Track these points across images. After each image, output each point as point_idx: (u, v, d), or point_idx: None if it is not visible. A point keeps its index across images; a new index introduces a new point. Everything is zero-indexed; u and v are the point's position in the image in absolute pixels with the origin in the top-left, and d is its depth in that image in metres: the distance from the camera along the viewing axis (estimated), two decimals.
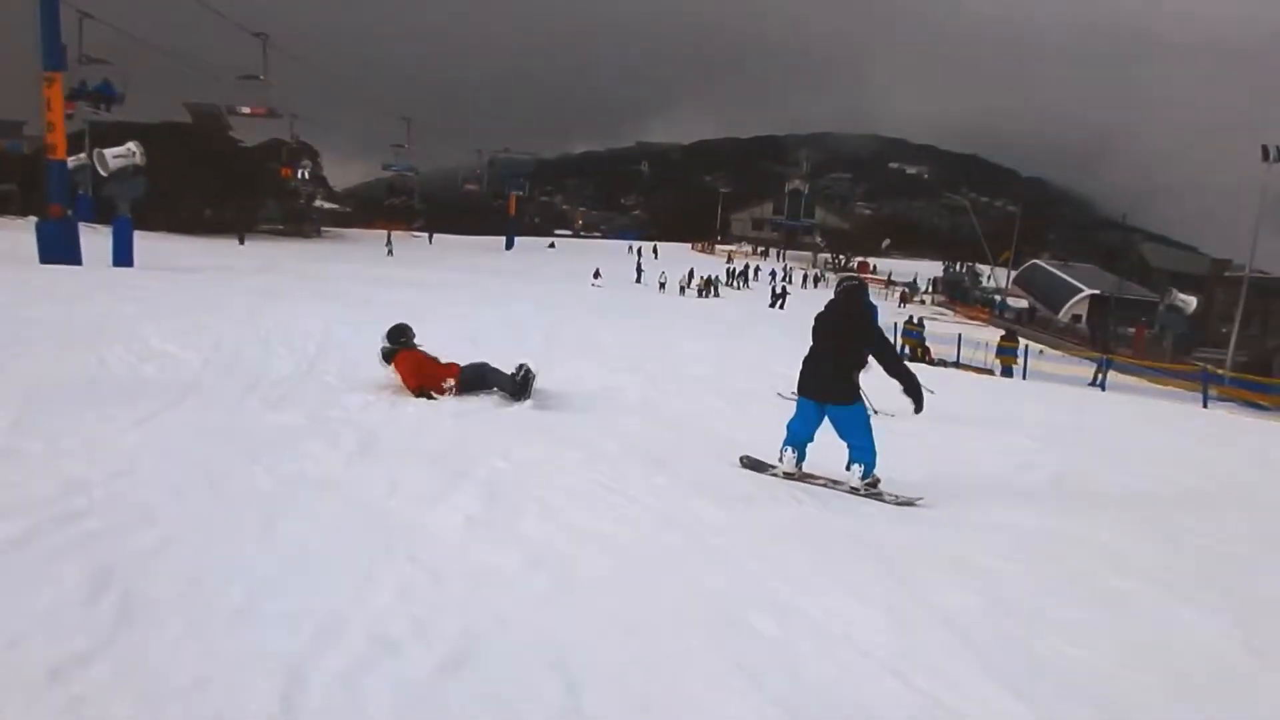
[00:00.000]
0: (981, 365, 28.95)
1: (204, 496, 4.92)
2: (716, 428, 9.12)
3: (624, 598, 4.09)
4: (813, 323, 7.21)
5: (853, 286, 7.18)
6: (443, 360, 9.44)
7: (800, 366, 7.19)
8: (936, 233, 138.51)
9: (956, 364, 28.49)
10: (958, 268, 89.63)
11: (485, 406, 8.63)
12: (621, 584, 4.27)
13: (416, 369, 9.16)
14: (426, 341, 9.54)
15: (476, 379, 9.38)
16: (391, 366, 9.11)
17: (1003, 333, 32.12)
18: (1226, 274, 60.46)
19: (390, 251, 62.08)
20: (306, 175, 72.07)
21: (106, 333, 10.53)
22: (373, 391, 8.71)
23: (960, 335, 31.15)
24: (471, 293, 25.46)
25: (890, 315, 35.42)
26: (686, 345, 18.10)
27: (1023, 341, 29.84)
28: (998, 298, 72.54)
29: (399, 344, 9.33)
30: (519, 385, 9.50)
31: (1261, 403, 27.23)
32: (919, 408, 6.93)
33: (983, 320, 60.05)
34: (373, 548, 4.39)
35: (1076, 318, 66.36)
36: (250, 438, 6.41)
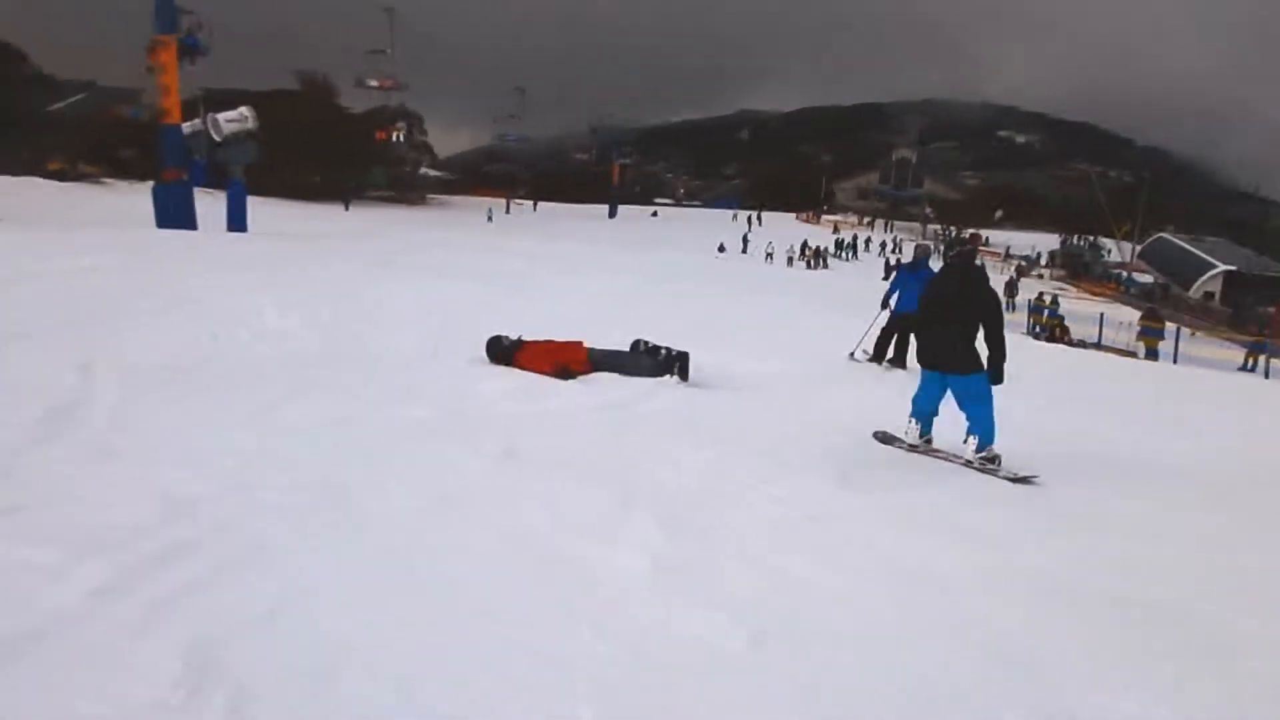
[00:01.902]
0: (1123, 347, 26.88)
1: (333, 524, 3.99)
2: (886, 423, 7.91)
3: (890, 712, 2.99)
4: (926, 293, 7.10)
5: (967, 252, 7.14)
6: (560, 343, 8.60)
7: (916, 338, 7.26)
8: (1048, 204, 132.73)
9: (1098, 345, 26.48)
10: (1075, 240, 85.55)
11: (632, 397, 7.59)
12: (880, 686, 3.13)
13: (547, 355, 8.23)
14: (546, 317, 8.61)
15: (611, 365, 8.43)
16: (515, 367, 8.22)
17: (1139, 312, 30.10)
18: None
19: (489, 218, 61.91)
20: (402, 138, 72.48)
21: (221, 305, 9.87)
22: (505, 377, 7.76)
23: (1103, 315, 28.97)
24: (584, 264, 24.53)
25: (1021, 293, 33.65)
26: (812, 323, 16.88)
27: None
28: (1122, 273, 68.90)
29: (508, 347, 8.46)
30: (662, 366, 8.54)
31: None
32: (997, 382, 6.57)
33: (1108, 296, 56.90)
34: (548, 610, 3.38)
35: (1209, 295, 62.45)
36: (379, 440, 5.50)
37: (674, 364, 8.60)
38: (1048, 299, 31.51)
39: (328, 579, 3.41)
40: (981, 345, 6.57)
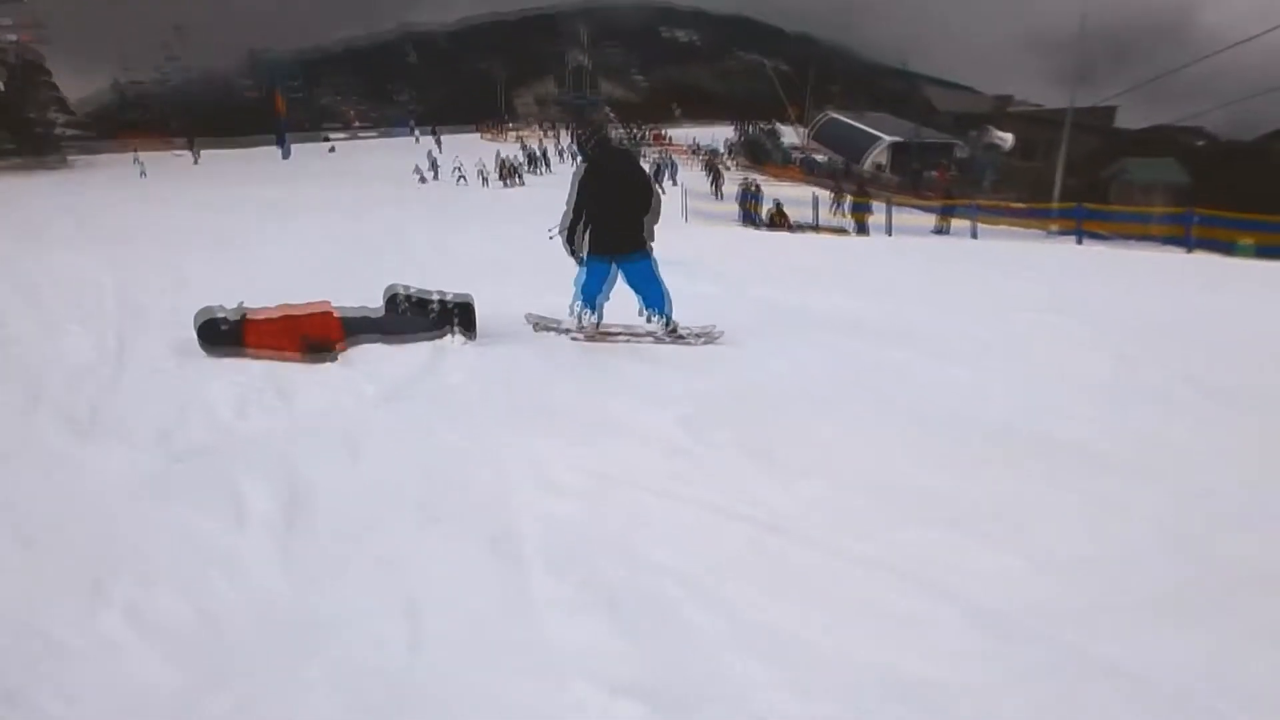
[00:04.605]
0: (836, 225, 27.39)
1: None
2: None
3: None
4: (585, 187, 7.03)
5: (602, 138, 7.65)
6: (299, 310, 6.27)
7: (589, 230, 7.14)
8: (718, 97, 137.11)
9: (815, 227, 26.67)
10: (749, 129, 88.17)
11: (416, 372, 5.67)
12: None
13: (287, 330, 6.08)
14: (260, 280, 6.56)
15: (372, 328, 6.45)
16: (246, 349, 6.04)
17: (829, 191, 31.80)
18: (1009, 110, 61.65)
19: (142, 172, 54.73)
20: None
21: None
22: (237, 371, 5.57)
23: (816, 196, 29.68)
24: (278, 210, 21.44)
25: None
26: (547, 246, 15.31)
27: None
28: (801, 155, 71.71)
29: (229, 328, 6.16)
30: (438, 321, 6.67)
31: (1102, 232, 26.24)
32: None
33: (794, 179, 58.60)
34: None
35: (879, 167, 66.19)
36: (62, 522, 3.36)
37: (453, 317, 6.75)
38: (754, 187, 31.53)
39: None
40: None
